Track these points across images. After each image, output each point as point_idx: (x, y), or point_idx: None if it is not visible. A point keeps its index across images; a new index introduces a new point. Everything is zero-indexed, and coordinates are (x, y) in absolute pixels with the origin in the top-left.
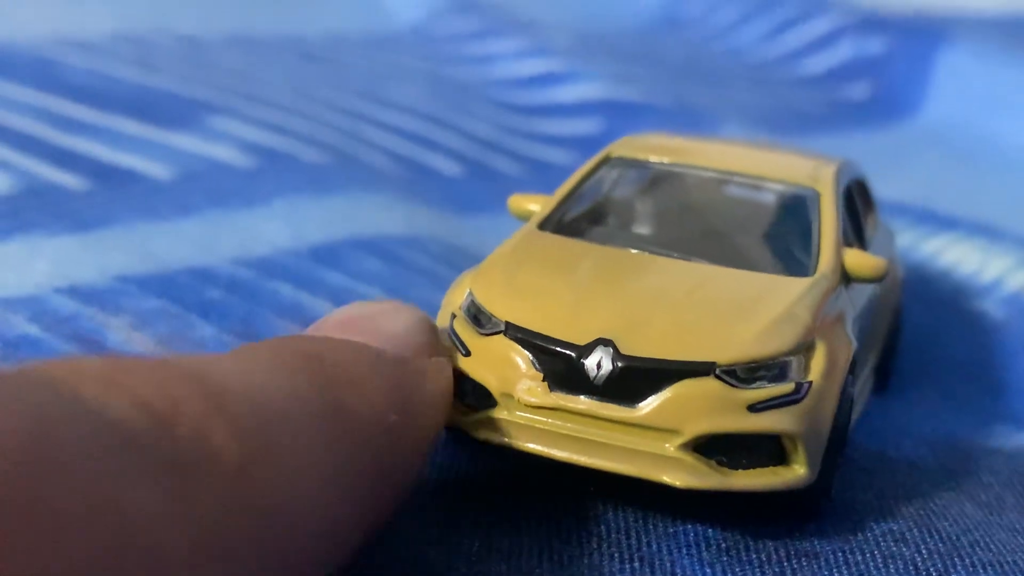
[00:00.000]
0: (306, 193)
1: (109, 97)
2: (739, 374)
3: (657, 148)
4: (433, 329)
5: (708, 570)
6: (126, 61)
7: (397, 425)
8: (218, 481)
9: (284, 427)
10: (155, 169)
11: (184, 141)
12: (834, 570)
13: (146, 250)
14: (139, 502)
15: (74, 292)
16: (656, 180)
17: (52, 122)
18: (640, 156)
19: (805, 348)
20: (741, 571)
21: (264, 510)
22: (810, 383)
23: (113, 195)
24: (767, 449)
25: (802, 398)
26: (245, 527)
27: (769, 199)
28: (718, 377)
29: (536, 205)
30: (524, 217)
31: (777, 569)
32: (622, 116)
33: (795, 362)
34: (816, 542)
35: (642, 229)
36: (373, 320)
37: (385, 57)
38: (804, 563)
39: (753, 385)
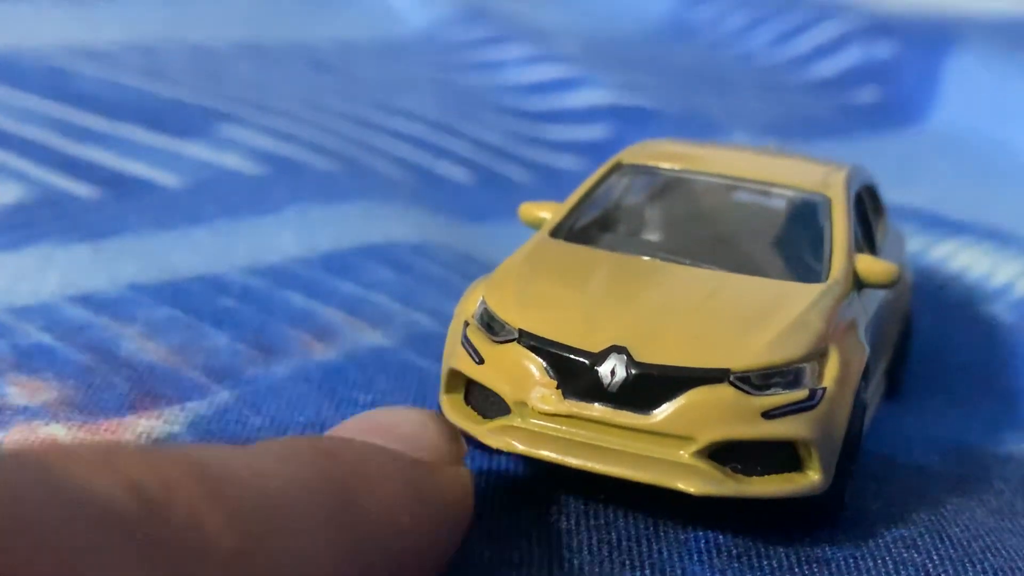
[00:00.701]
0: (316, 201)
1: (120, 106)
2: (753, 381)
3: (667, 155)
4: (455, 437)
5: None
6: (137, 70)
7: (411, 528)
8: (211, 568)
9: (286, 516)
10: (166, 178)
11: (195, 150)
12: None
13: (158, 259)
14: None
15: (86, 301)
16: (667, 187)
17: (63, 131)
18: (651, 163)
19: (819, 354)
20: None
21: None
22: (824, 389)
23: (124, 204)
24: (781, 456)
25: (816, 404)
26: None
27: (780, 205)
28: (732, 384)
29: (547, 212)
30: (535, 225)
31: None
32: (631, 122)
33: (809, 368)
34: (827, 548)
35: (654, 236)
36: (393, 423)
37: (394, 65)
38: (815, 569)
39: (767, 392)
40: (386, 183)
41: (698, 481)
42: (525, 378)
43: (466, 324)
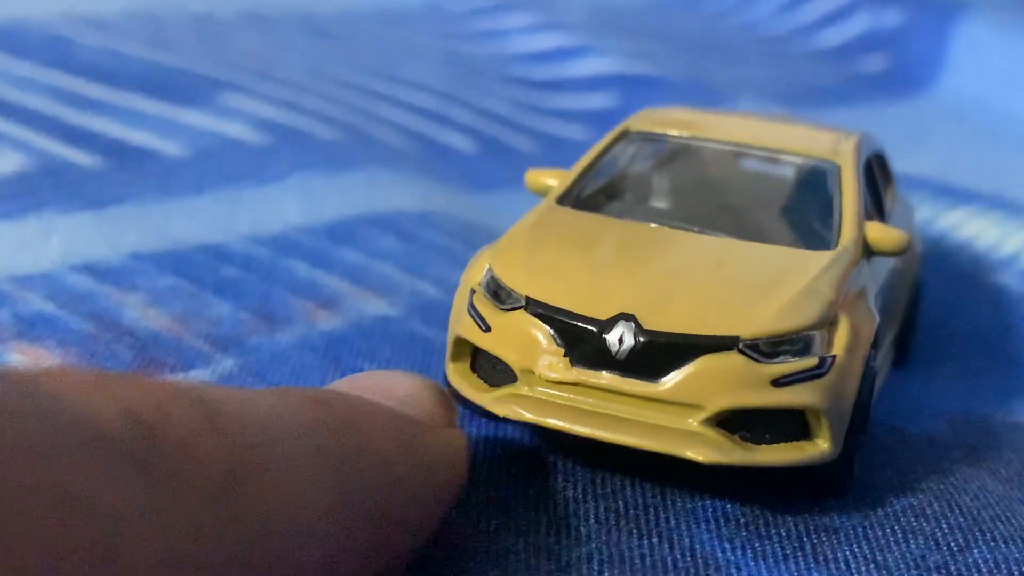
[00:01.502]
0: (320, 170)
1: (122, 75)
2: (762, 348)
3: (675, 122)
4: (450, 403)
5: (727, 545)
6: (139, 39)
7: (401, 481)
8: (202, 492)
9: (279, 451)
10: (168, 147)
11: (197, 119)
12: (854, 545)
13: (160, 228)
14: (110, 502)
15: (89, 270)
16: (675, 154)
17: (65, 100)
18: (658, 130)
19: (828, 322)
20: (760, 546)
21: (251, 527)
22: (834, 357)
23: (126, 173)
24: (791, 424)
25: (826, 372)
26: (228, 542)
27: (789, 173)
28: (741, 352)
29: (553, 180)
30: (541, 192)
31: (796, 544)
32: (636, 91)
33: (819, 336)
34: (836, 517)
35: (661, 203)
36: (388, 383)
37: (398, 33)
38: (824, 538)
39: (777, 359)
40: (390, 152)
41: (706, 449)
42: (532, 346)
43: (472, 292)
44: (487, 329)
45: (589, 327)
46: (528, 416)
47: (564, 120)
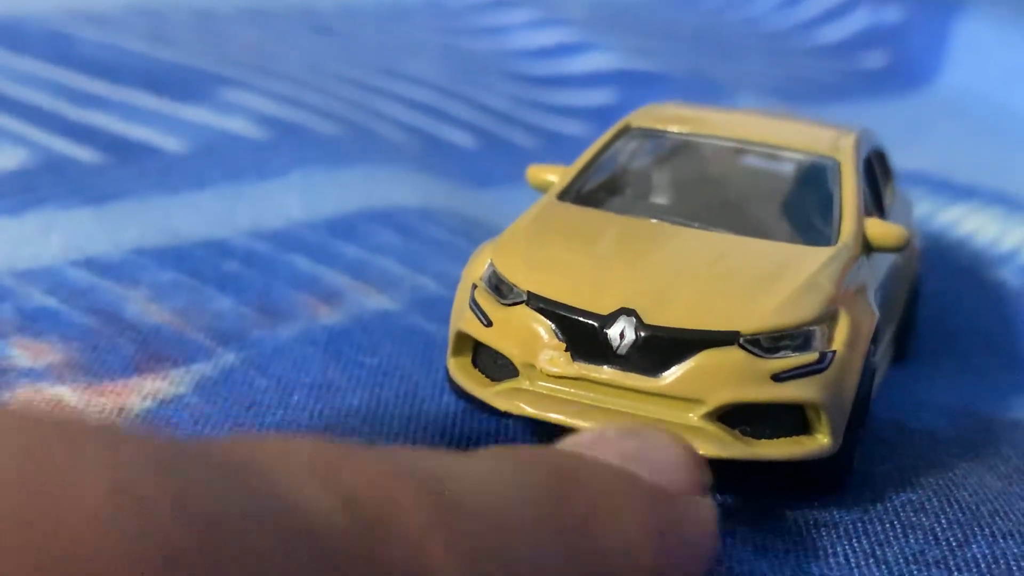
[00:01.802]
0: (321, 166)
1: (123, 70)
2: (763, 343)
3: (676, 118)
4: (701, 464)
5: (727, 539)
6: (139, 34)
7: (651, 567)
8: None
9: (518, 551)
10: (169, 142)
11: (198, 114)
12: (853, 540)
13: (161, 223)
14: None
15: (90, 264)
16: (675, 150)
17: (66, 96)
18: (659, 126)
19: (829, 317)
20: (760, 541)
21: None
22: (834, 352)
23: (127, 168)
24: (791, 419)
25: (826, 367)
26: None
27: (789, 169)
28: (742, 346)
29: (554, 176)
30: (542, 188)
31: (796, 539)
32: (637, 87)
33: (819, 331)
34: (835, 512)
35: (662, 199)
36: (633, 442)
37: (398, 29)
38: (823, 532)
39: (777, 354)
40: (390, 148)
41: (707, 444)
42: (533, 340)
43: (474, 287)
44: (489, 324)
45: (590, 322)
46: (529, 411)
47: (564, 116)
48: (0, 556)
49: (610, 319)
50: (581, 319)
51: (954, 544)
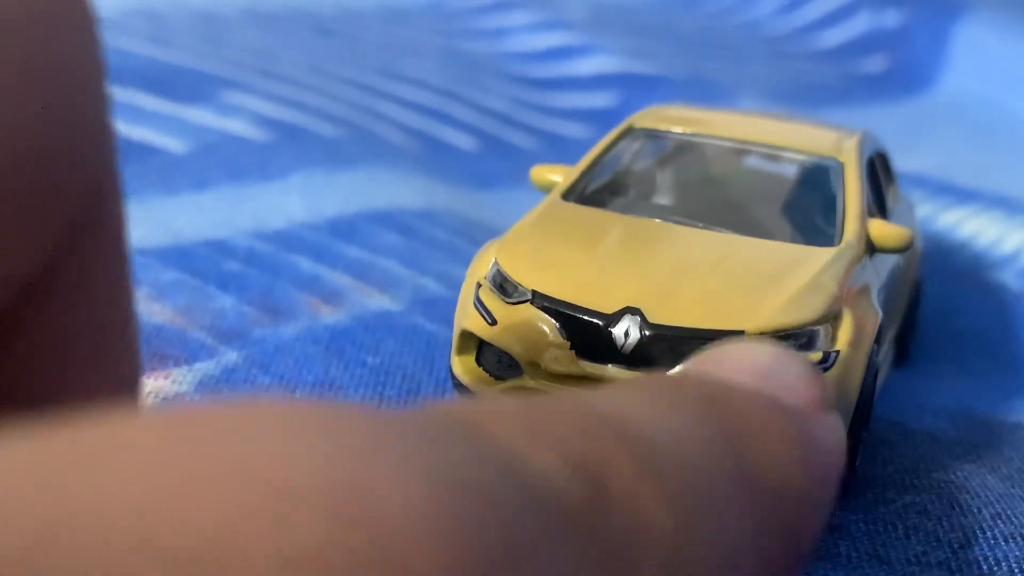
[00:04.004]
0: (322, 167)
1: (124, 72)
2: None
3: (679, 119)
4: (823, 383)
5: None
6: (141, 36)
7: (805, 491)
8: (653, 562)
9: (707, 489)
10: (171, 143)
11: (199, 115)
12: (856, 540)
13: (163, 223)
14: None
15: None
16: (679, 151)
17: None
18: (662, 127)
19: (832, 317)
20: None
21: None
22: (838, 352)
23: (129, 169)
24: None
25: (830, 367)
26: None
27: (792, 170)
28: None
29: (558, 176)
30: (546, 188)
31: None
32: (638, 89)
33: (823, 331)
34: (838, 513)
35: (666, 199)
36: (759, 363)
37: (400, 31)
38: (826, 533)
39: None
40: (391, 149)
41: None
42: (538, 339)
43: (478, 285)
44: (493, 322)
45: (595, 320)
46: None
47: (565, 118)
48: (336, 557)
49: (615, 318)
50: (586, 318)
51: (956, 546)
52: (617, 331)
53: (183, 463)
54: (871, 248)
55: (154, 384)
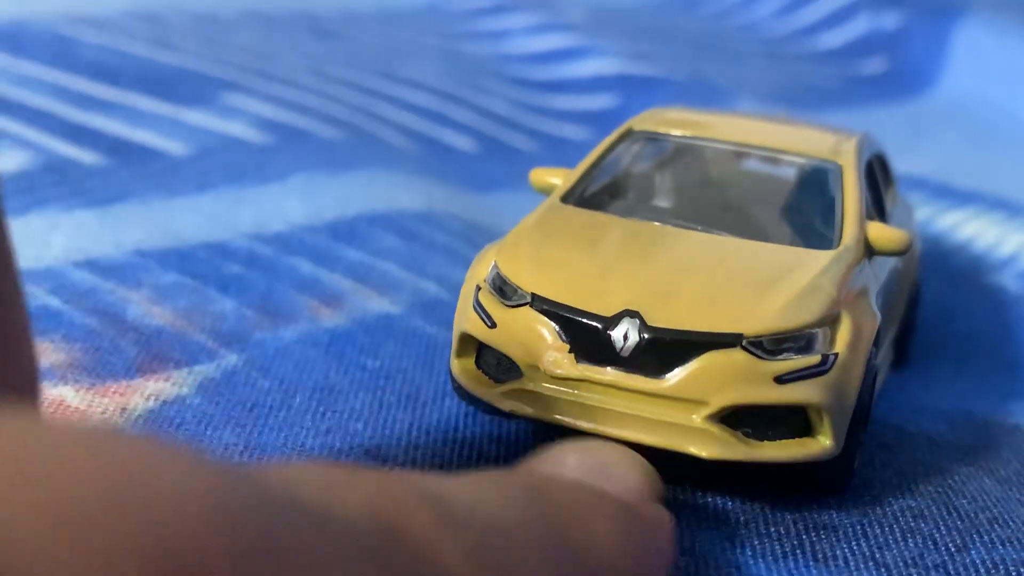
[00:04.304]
0: (322, 169)
1: (124, 74)
2: (766, 346)
3: (679, 122)
4: (655, 475)
5: (726, 543)
6: (141, 38)
7: (623, 570)
8: None
9: (512, 551)
10: (171, 145)
11: (199, 118)
12: (852, 543)
13: (163, 225)
14: None
15: (92, 266)
16: (678, 154)
17: (68, 99)
18: (662, 130)
19: (831, 320)
20: (759, 544)
21: None
22: (836, 355)
23: (129, 171)
24: (793, 421)
25: (828, 370)
26: None
27: (791, 172)
28: (745, 349)
29: (558, 179)
30: (546, 191)
31: (796, 542)
32: (637, 91)
33: (821, 334)
34: (835, 516)
35: (665, 202)
36: (592, 459)
37: (400, 33)
38: (823, 536)
39: (779, 357)
40: (391, 152)
41: (710, 445)
42: (537, 342)
43: (478, 288)
44: (492, 325)
45: (594, 323)
46: (533, 412)
47: (565, 120)
48: (96, 550)
49: (614, 321)
50: (585, 321)
51: (953, 549)
52: (616, 334)
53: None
54: (870, 251)
55: (154, 387)
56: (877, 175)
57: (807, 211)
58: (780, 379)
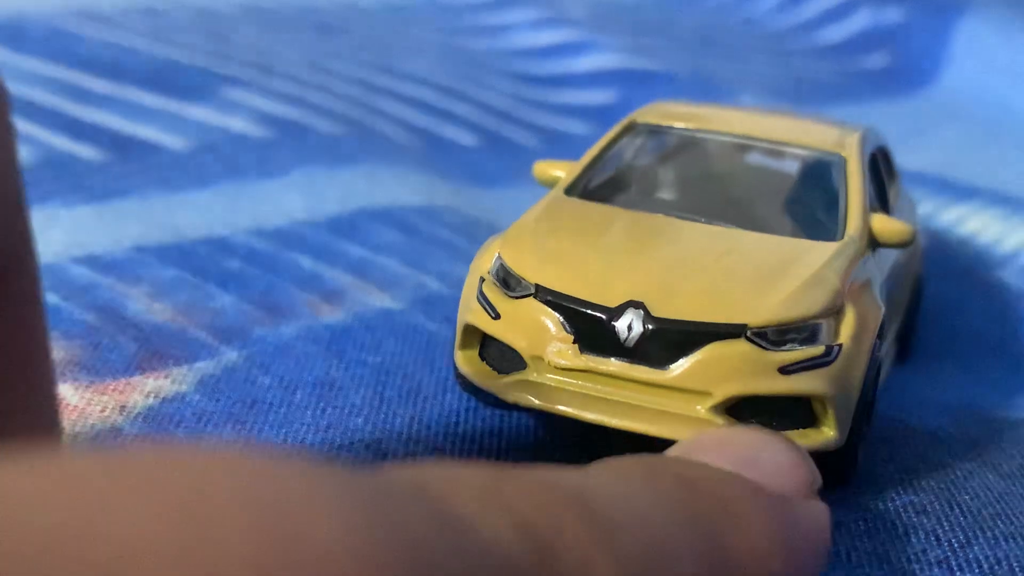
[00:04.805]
0: (322, 164)
1: (124, 69)
2: (770, 336)
3: (682, 115)
4: (813, 468)
5: None
6: (141, 33)
7: (777, 570)
8: None
9: (666, 559)
10: (171, 140)
11: (200, 112)
12: (855, 539)
13: (163, 221)
14: None
15: (92, 262)
16: (682, 146)
17: (68, 94)
18: (665, 123)
19: (835, 311)
20: None
21: None
22: (840, 346)
23: (129, 166)
24: (797, 411)
25: (832, 360)
26: None
27: (795, 165)
28: (749, 339)
29: (561, 171)
30: (549, 183)
31: None
32: (638, 86)
33: (825, 325)
34: (837, 511)
35: (669, 195)
36: (746, 448)
37: (400, 28)
38: None
39: (784, 347)
40: (392, 147)
41: None
42: (541, 333)
43: (481, 280)
44: (496, 316)
45: (598, 314)
46: (537, 403)
47: (566, 115)
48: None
49: (618, 311)
50: (589, 311)
51: (956, 545)
52: (620, 324)
53: (140, 503)
54: (873, 243)
55: (154, 384)
56: (880, 168)
57: (811, 203)
58: (784, 370)
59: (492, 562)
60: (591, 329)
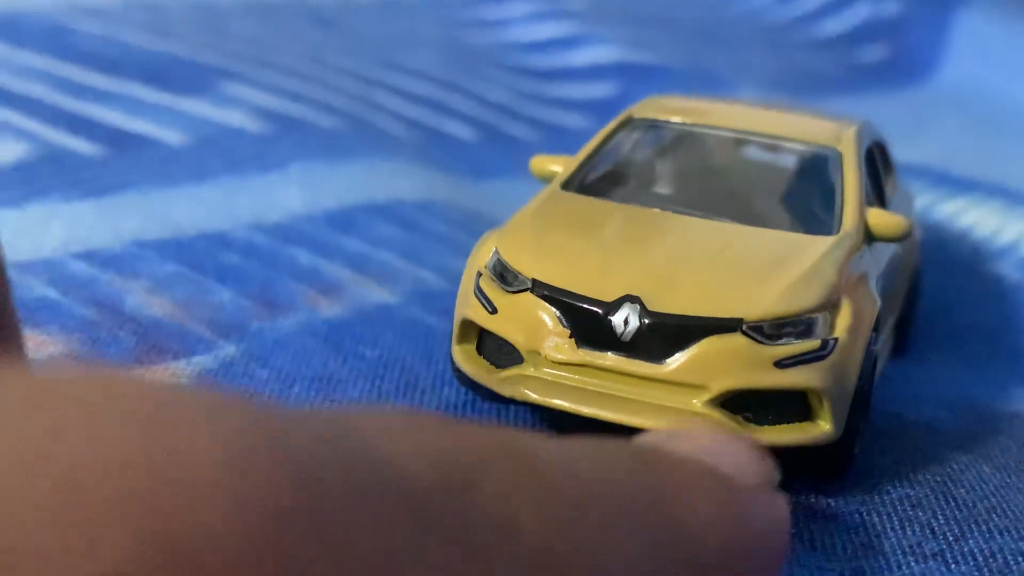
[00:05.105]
0: (321, 159)
1: (123, 64)
2: (766, 330)
3: (679, 109)
4: (769, 460)
5: None
6: (140, 27)
7: (721, 553)
8: (514, 560)
9: (597, 512)
10: (169, 135)
11: (198, 107)
12: (851, 532)
13: (162, 215)
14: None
15: (90, 257)
16: (679, 141)
17: (66, 89)
18: (662, 117)
19: (831, 305)
20: None
21: None
22: (836, 340)
23: (128, 161)
24: (793, 405)
25: (828, 354)
26: None
27: (791, 159)
28: (745, 333)
29: (558, 166)
30: (546, 178)
31: (794, 530)
32: (637, 79)
33: (821, 319)
34: (834, 504)
35: (666, 189)
36: (702, 437)
37: (399, 22)
38: (821, 524)
39: (780, 341)
40: (391, 141)
41: None
42: (538, 327)
43: (479, 274)
44: (493, 311)
45: (595, 309)
46: (534, 397)
47: (564, 109)
48: (111, 532)
49: (614, 306)
50: (586, 306)
51: (951, 538)
52: (617, 319)
53: None
54: (869, 237)
55: (152, 377)
56: (877, 162)
57: (807, 197)
58: (780, 364)
59: (403, 493)
60: (588, 323)
